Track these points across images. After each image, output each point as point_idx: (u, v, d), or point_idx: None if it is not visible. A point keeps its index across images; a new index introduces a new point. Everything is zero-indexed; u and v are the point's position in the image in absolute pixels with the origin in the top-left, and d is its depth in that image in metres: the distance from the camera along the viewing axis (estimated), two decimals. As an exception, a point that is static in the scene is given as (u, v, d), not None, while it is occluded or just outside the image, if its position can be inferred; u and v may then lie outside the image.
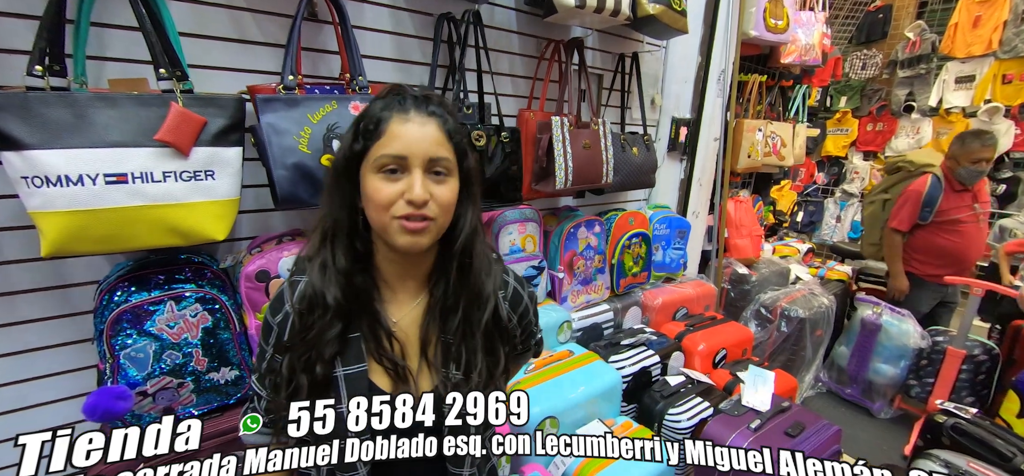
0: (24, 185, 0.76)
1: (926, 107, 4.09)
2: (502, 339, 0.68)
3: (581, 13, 1.36)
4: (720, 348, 1.85)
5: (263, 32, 1.12)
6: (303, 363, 0.60)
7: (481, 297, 0.65)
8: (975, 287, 2.08)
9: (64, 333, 1.04)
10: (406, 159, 0.57)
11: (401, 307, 0.67)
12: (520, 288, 0.73)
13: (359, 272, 0.63)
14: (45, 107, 0.76)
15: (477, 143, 1.25)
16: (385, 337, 0.64)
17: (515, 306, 0.72)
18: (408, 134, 0.57)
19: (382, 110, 0.59)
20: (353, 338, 0.63)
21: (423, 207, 0.57)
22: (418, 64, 1.36)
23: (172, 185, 0.86)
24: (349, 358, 0.63)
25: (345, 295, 0.61)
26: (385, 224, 0.58)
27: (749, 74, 2.51)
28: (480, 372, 0.64)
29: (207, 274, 1.05)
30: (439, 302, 0.65)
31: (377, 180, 0.58)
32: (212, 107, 0.89)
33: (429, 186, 0.58)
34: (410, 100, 0.60)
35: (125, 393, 0.94)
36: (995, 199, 3.69)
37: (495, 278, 0.68)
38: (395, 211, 0.57)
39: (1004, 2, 3.53)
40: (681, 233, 2.11)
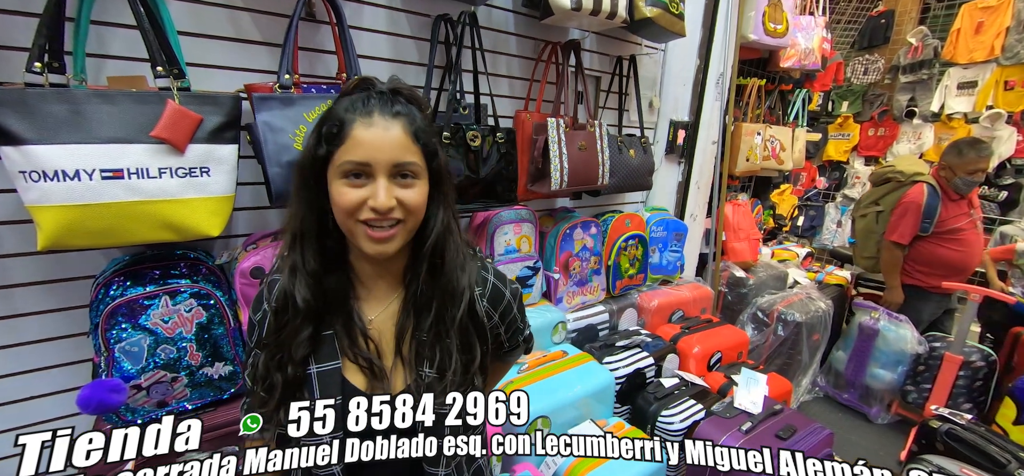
0: (22, 179, 0.78)
1: (928, 113, 4.08)
2: (479, 336, 0.68)
3: (577, 15, 1.37)
4: (715, 351, 1.85)
5: (261, 31, 1.13)
6: (276, 362, 0.60)
7: (454, 295, 0.64)
8: (973, 293, 2.07)
9: (60, 326, 1.05)
10: (370, 165, 0.56)
11: (376, 305, 0.67)
12: (501, 285, 0.72)
13: (333, 270, 0.63)
14: (43, 103, 0.77)
15: (472, 144, 1.26)
16: (360, 335, 0.63)
17: (495, 303, 0.71)
18: (371, 140, 0.56)
19: (345, 112, 0.57)
20: (326, 335, 0.63)
21: (389, 213, 0.57)
22: (414, 64, 1.38)
23: (167, 181, 0.87)
24: (322, 356, 0.63)
25: (314, 297, 0.61)
26: (351, 229, 0.58)
27: (748, 78, 2.51)
28: (455, 370, 0.63)
29: (202, 270, 1.06)
30: (412, 300, 0.65)
31: (342, 185, 0.57)
32: (208, 105, 0.90)
33: (395, 191, 0.57)
34: (375, 99, 0.58)
35: (119, 386, 0.95)
36: (997, 205, 3.67)
37: (470, 274, 0.67)
38: (360, 216, 0.57)
39: (1006, 8, 3.52)
40: (678, 236, 2.12)
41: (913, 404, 2.32)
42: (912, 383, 2.31)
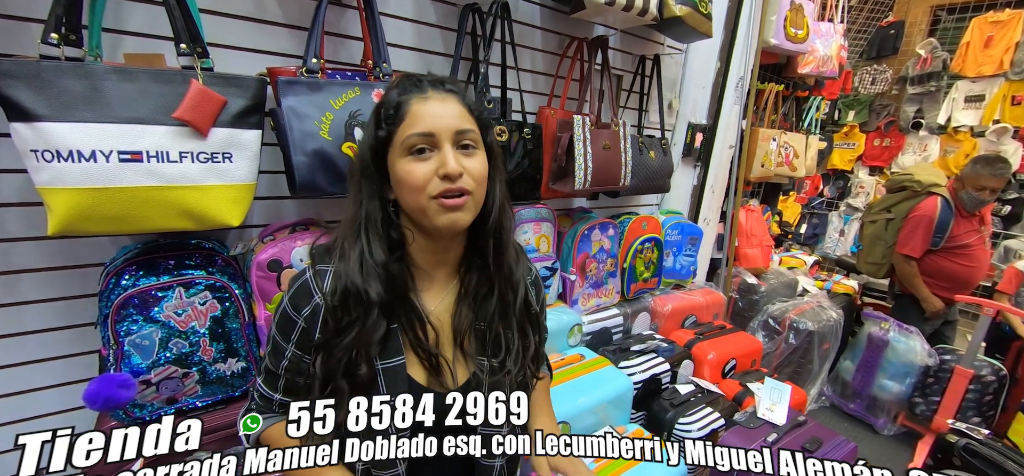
0: (33, 159, 0.72)
1: (934, 125, 4.09)
2: (532, 325, 0.67)
3: (609, 10, 1.33)
4: (730, 358, 1.83)
5: (284, 13, 1.08)
6: (344, 366, 0.56)
7: (512, 279, 0.65)
8: (986, 307, 2.06)
9: (66, 316, 1.00)
10: (434, 135, 0.56)
11: (435, 296, 0.65)
12: (539, 280, 0.73)
13: (395, 261, 0.61)
14: (59, 77, 0.72)
15: (500, 138, 1.22)
16: (420, 327, 0.61)
17: (538, 293, 0.72)
18: (431, 111, 0.56)
19: (400, 95, 0.58)
20: (392, 329, 0.61)
21: (458, 180, 0.56)
22: (439, 55, 1.33)
23: (188, 166, 0.82)
24: (387, 351, 0.60)
25: (387, 289, 0.58)
26: (423, 206, 0.57)
27: (765, 83, 2.48)
28: (517, 359, 0.62)
29: (218, 261, 1.01)
30: (473, 289, 0.64)
31: (408, 163, 0.56)
32: (233, 87, 0.85)
33: (461, 160, 0.57)
34: (427, 82, 0.59)
35: (128, 381, 0.90)
36: (1000, 219, 3.69)
37: (524, 261, 0.68)
38: (431, 190, 0.56)
39: (1017, 23, 3.53)
40: (693, 240, 2.09)
41: (920, 416, 2.31)
42: (920, 395, 2.30)
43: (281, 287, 1.04)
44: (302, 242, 1.06)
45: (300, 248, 1.05)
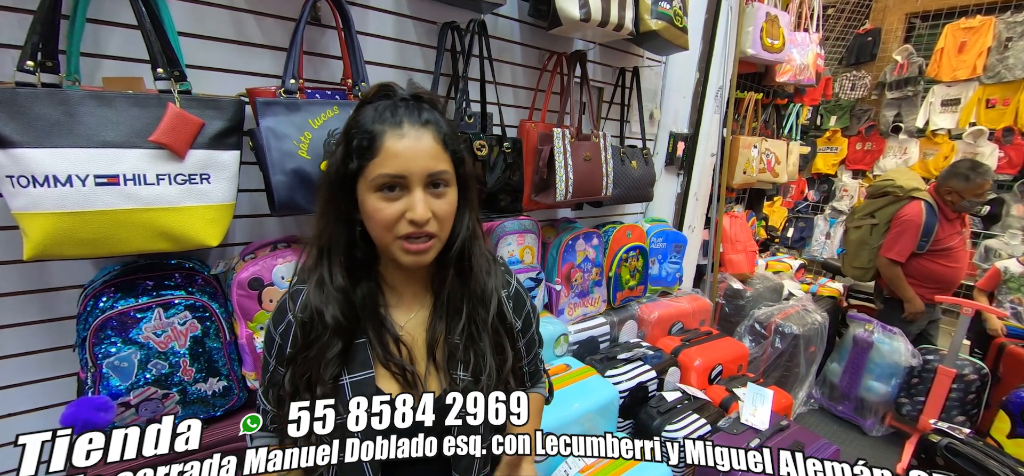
0: (8, 184, 0.73)
1: (913, 128, 4.19)
2: (508, 338, 0.68)
3: (585, 26, 1.36)
4: (716, 364, 1.84)
5: (264, 34, 1.09)
6: (305, 381, 0.58)
7: (484, 296, 0.65)
8: (965, 307, 2.10)
9: (43, 339, 0.99)
10: (405, 178, 0.55)
11: (407, 311, 0.66)
12: (523, 291, 0.74)
13: (362, 280, 0.62)
14: (35, 104, 0.73)
15: (479, 153, 1.24)
16: (392, 342, 0.62)
17: (519, 308, 0.72)
18: (405, 152, 0.55)
19: (373, 123, 0.56)
20: (359, 344, 0.62)
21: (425, 226, 0.56)
22: (420, 72, 1.35)
23: (166, 188, 0.83)
24: (355, 365, 0.61)
25: (343, 313, 0.59)
26: (388, 243, 0.58)
27: (745, 91, 2.54)
28: (489, 373, 0.62)
29: (198, 280, 1.01)
30: (443, 305, 0.65)
31: (377, 200, 0.56)
32: (210, 109, 0.86)
33: (430, 202, 0.57)
34: (402, 109, 0.57)
35: (107, 404, 0.89)
36: (979, 220, 3.77)
37: (496, 278, 0.67)
38: (398, 231, 0.57)
39: (988, 30, 3.64)
40: (678, 247, 2.11)
41: (907, 416, 2.34)
42: (906, 395, 2.33)
43: (262, 305, 1.05)
44: (284, 260, 1.06)
45: (281, 266, 1.06)
